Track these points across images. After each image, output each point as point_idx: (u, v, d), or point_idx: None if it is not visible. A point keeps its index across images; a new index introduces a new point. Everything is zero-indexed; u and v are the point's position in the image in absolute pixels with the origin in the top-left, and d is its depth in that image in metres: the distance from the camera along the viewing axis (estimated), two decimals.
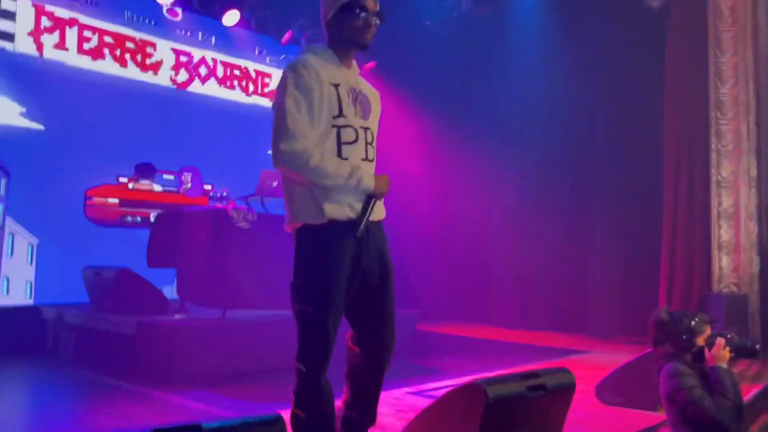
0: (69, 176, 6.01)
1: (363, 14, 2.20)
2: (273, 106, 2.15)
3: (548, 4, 7.13)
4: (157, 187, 6.63)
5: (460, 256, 8.17)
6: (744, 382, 3.71)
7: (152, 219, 6.34)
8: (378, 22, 2.26)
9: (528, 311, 7.54)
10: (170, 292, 5.66)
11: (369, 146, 2.26)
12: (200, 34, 7.21)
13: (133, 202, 6.52)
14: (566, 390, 2.43)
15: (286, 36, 7.40)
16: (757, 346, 2.60)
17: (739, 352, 2.55)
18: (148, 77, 6.71)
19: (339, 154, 2.14)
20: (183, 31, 7.05)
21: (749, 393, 3.71)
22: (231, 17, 6.97)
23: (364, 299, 2.25)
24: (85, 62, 6.26)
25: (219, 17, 6.95)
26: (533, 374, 2.42)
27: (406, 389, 4.19)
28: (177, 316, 4.86)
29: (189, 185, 6.87)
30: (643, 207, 6.79)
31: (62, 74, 6.07)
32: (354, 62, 2.35)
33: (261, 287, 4.79)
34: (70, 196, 6.06)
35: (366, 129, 2.23)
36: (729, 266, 6.01)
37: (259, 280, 4.80)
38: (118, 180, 6.47)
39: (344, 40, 2.24)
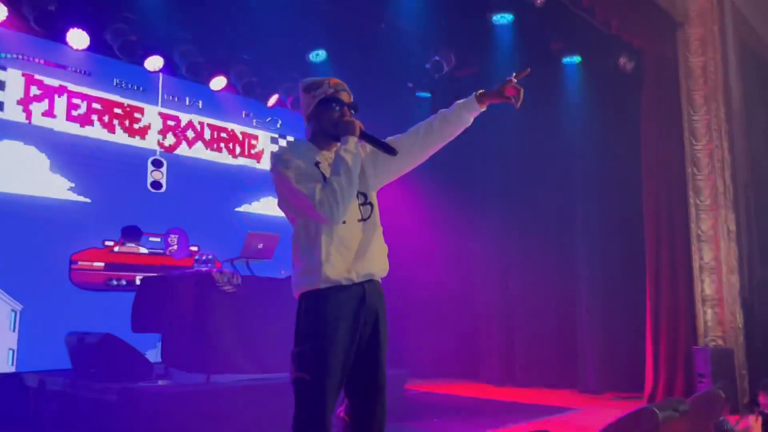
0: (53, 241, 6.02)
1: (338, 108, 2.34)
2: (288, 197, 2.24)
3: (527, 65, 7.35)
4: (143, 250, 6.64)
5: (446, 311, 8.17)
6: None
7: (137, 282, 6.33)
8: (353, 113, 2.38)
9: (516, 367, 7.50)
10: (155, 356, 5.60)
11: (362, 206, 2.34)
12: (187, 99, 7.36)
13: (119, 265, 6.51)
14: None
15: (273, 99, 7.57)
16: None
17: None
18: (135, 142, 6.81)
19: None
20: (170, 96, 7.20)
21: None
22: (218, 83, 7.15)
23: (359, 368, 2.26)
24: (73, 128, 6.35)
25: (206, 82, 7.12)
26: None
27: None
28: (161, 382, 4.81)
29: (175, 247, 6.89)
30: (626, 262, 6.88)
31: (50, 140, 6.16)
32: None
33: (246, 351, 4.77)
34: (54, 261, 6.05)
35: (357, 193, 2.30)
36: (714, 320, 6.06)
37: (244, 344, 4.78)
38: (104, 243, 6.47)
39: (324, 133, 2.36)
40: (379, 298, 2.33)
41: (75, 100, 6.41)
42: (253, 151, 7.95)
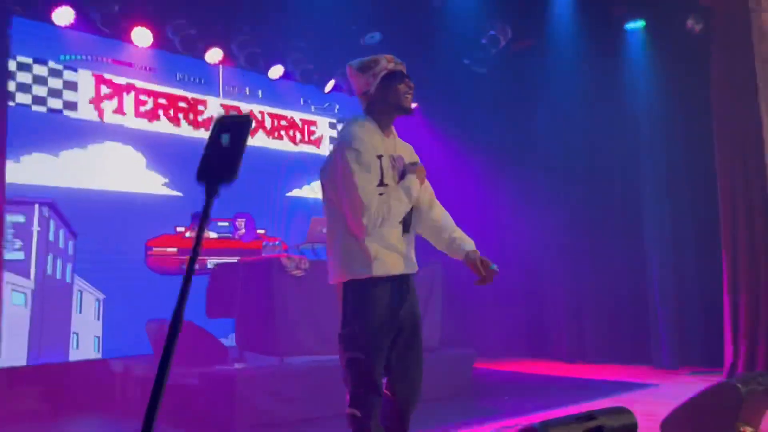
0: (130, 231, 6.29)
1: (401, 81, 2.42)
2: (339, 183, 2.32)
3: (588, 35, 7.12)
4: (213, 234, 6.88)
5: (514, 290, 8.09)
6: None
7: (209, 265, 6.55)
8: (413, 85, 2.46)
9: (586, 343, 7.38)
10: (229, 341, 5.80)
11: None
12: (247, 89, 7.50)
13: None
14: (626, 431, 2.39)
15: (330, 85, 7.63)
16: None
17: None
18: (200, 134, 7.01)
19: None
20: (231, 87, 7.36)
21: None
22: (276, 71, 7.26)
23: (398, 347, 2.39)
24: (142, 124, 6.60)
25: (264, 72, 7.24)
26: (590, 416, 2.40)
27: (467, 431, 4.17)
28: (237, 366, 4.98)
29: (243, 231, 7.11)
30: (698, 234, 6.64)
31: (121, 136, 6.42)
32: (393, 128, 2.52)
33: (316, 333, 4.87)
34: (132, 250, 6.34)
35: None
36: None
37: (314, 326, 4.88)
38: (175, 230, 6.73)
39: (389, 108, 2.43)
40: (413, 289, 2.48)
41: (142, 97, 6.64)
42: (312, 137, 8.05)
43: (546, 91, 7.66)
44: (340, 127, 8.30)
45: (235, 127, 1.19)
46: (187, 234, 6.74)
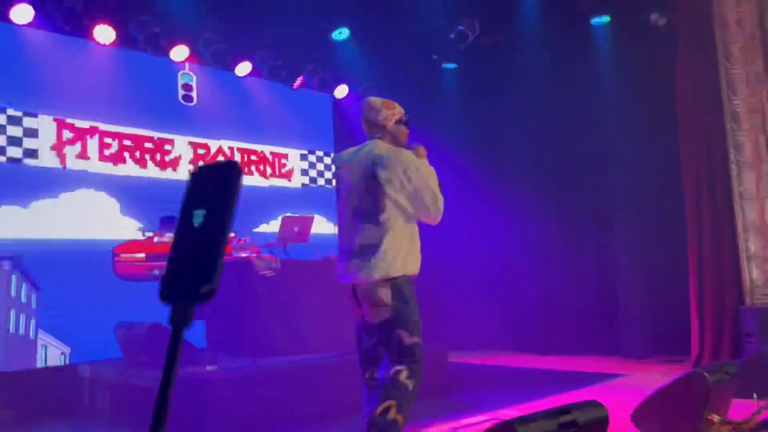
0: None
1: (407, 128, 3.14)
2: (417, 179, 2.87)
3: (555, 30, 7.18)
4: None
5: (486, 283, 8.15)
6: None
7: None
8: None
9: (559, 335, 7.47)
10: (200, 342, 5.71)
11: None
12: (216, 124, 7.33)
13: (161, 255, 6.64)
14: (598, 425, 2.41)
15: (298, 81, 7.57)
16: None
17: None
18: (167, 174, 6.82)
19: None
20: (199, 123, 7.16)
21: None
22: (243, 68, 7.15)
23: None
24: (107, 168, 6.38)
25: (232, 69, 7.12)
26: (564, 410, 2.41)
27: (442, 426, 4.17)
28: (208, 368, 4.91)
29: None
30: (666, 223, 6.75)
31: (85, 182, 6.21)
32: None
33: (289, 332, 4.84)
34: (96, 261, 6.19)
35: None
36: (761, 278, 5.91)
37: (286, 326, 4.85)
38: (143, 234, 6.60)
39: (396, 142, 3.05)
40: None
41: (107, 140, 6.42)
42: (284, 170, 7.96)
43: (515, 87, 7.72)
44: (311, 158, 8.25)
45: (214, 192, 0.82)
46: (156, 239, 6.62)
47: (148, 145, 6.77)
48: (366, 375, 2.89)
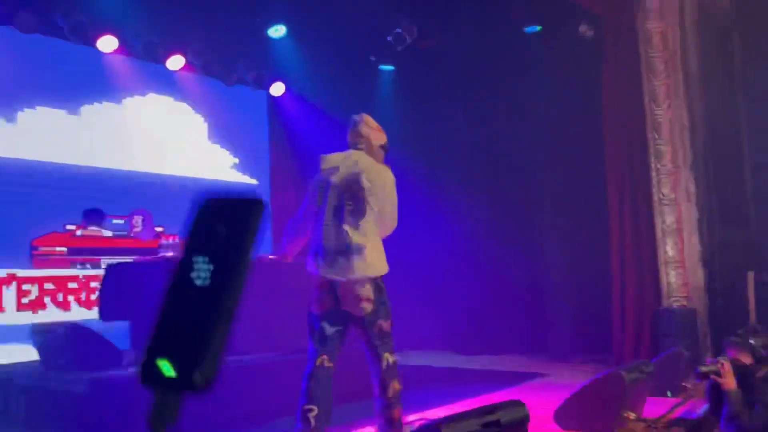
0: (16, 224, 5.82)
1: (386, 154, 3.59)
2: (393, 197, 3.42)
3: (490, 36, 7.32)
4: (107, 233, 6.50)
5: (421, 285, 8.22)
6: None
7: (102, 266, 6.20)
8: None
9: (489, 336, 7.61)
10: (125, 344, 5.51)
11: None
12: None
13: (83, 249, 6.38)
14: (519, 423, 2.48)
15: (233, 78, 7.43)
16: None
17: None
18: (92, 314, 6.07)
19: None
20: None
21: None
22: (175, 62, 6.96)
23: None
24: (26, 317, 5.89)
25: (163, 61, 6.92)
26: (489, 410, 2.47)
27: (371, 427, 4.18)
28: (131, 370, 4.75)
29: (140, 228, 6.74)
30: (592, 228, 6.99)
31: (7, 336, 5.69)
32: None
33: None
34: (16, 247, 5.89)
35: None
36: (677, 281, 6.20)
37: None
38: (65, 228, 6.32)
39: (380, 158, 3.54)
40: None
41: (25, 287, 5.98)
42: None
43: (451, 91, 7.83)
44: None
45: (226, 237, 0.60)
46: (78, 232, 6.35)
47: (72, 285, 6.32)
48: (317, 361, 3.20)
